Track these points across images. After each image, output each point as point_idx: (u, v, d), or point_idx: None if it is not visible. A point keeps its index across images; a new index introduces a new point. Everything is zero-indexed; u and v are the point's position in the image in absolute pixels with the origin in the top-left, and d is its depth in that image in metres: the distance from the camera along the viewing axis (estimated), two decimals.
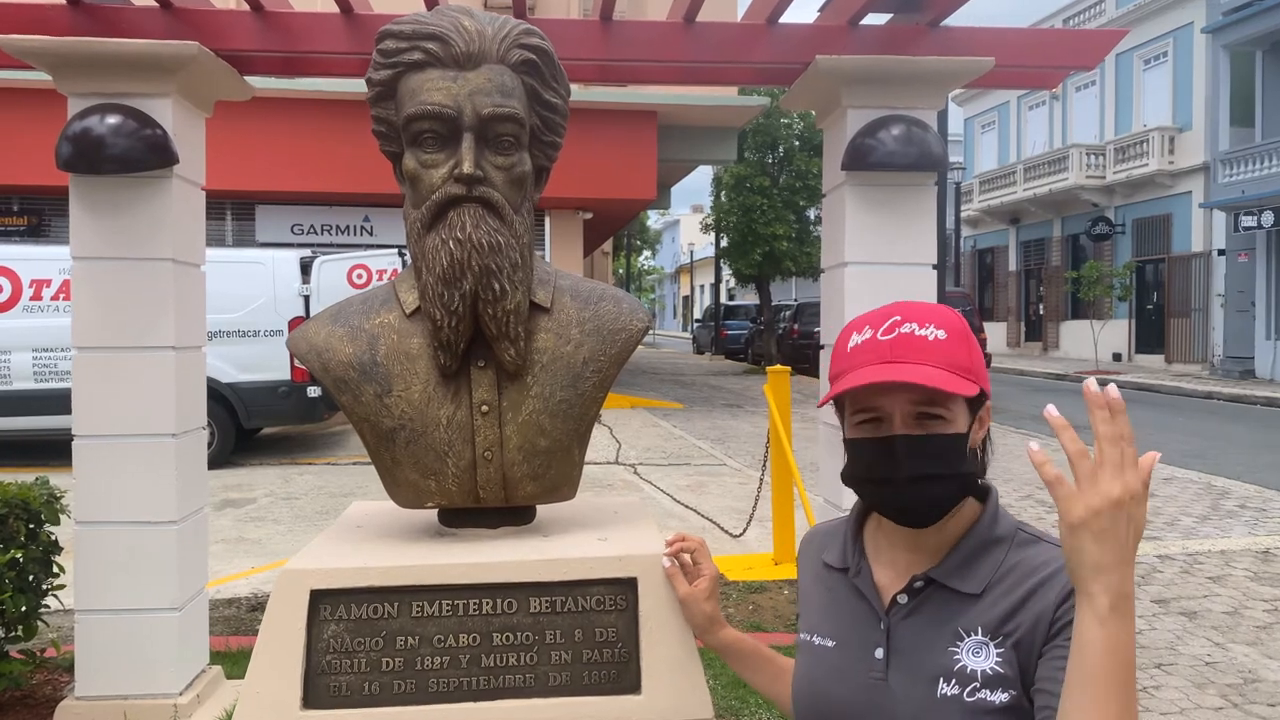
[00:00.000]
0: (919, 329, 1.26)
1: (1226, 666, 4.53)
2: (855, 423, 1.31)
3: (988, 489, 1.35)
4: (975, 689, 1.21)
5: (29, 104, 10.96)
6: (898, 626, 1.30)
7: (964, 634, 1.24)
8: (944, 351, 1.24)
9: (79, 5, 3.32)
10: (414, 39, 1.75)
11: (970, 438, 1.29)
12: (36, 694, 3.83)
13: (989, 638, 1.22)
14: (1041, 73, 4.10)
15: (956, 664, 1.23)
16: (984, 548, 1.29)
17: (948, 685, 1.22)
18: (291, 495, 8.43)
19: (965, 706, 1.20)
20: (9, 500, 3.56)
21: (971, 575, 1.27)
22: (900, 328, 1.26)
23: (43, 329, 9.37)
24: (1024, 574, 1.24)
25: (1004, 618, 1.22)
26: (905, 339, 1.25)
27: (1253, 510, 8.05)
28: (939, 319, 1.28)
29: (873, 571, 1.37)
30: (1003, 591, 1.24)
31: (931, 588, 1.29)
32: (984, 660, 1.21)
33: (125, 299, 3.38)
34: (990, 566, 1.27)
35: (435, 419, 1.82)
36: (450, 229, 1.74)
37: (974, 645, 1.23)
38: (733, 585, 5.58)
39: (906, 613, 1.30)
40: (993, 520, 1.31)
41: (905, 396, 1.24)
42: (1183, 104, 25.09)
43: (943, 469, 1.25)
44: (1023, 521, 1.33)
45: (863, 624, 1.34)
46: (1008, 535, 1.30)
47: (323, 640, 1.67)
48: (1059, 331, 29.94)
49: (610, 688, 1.71)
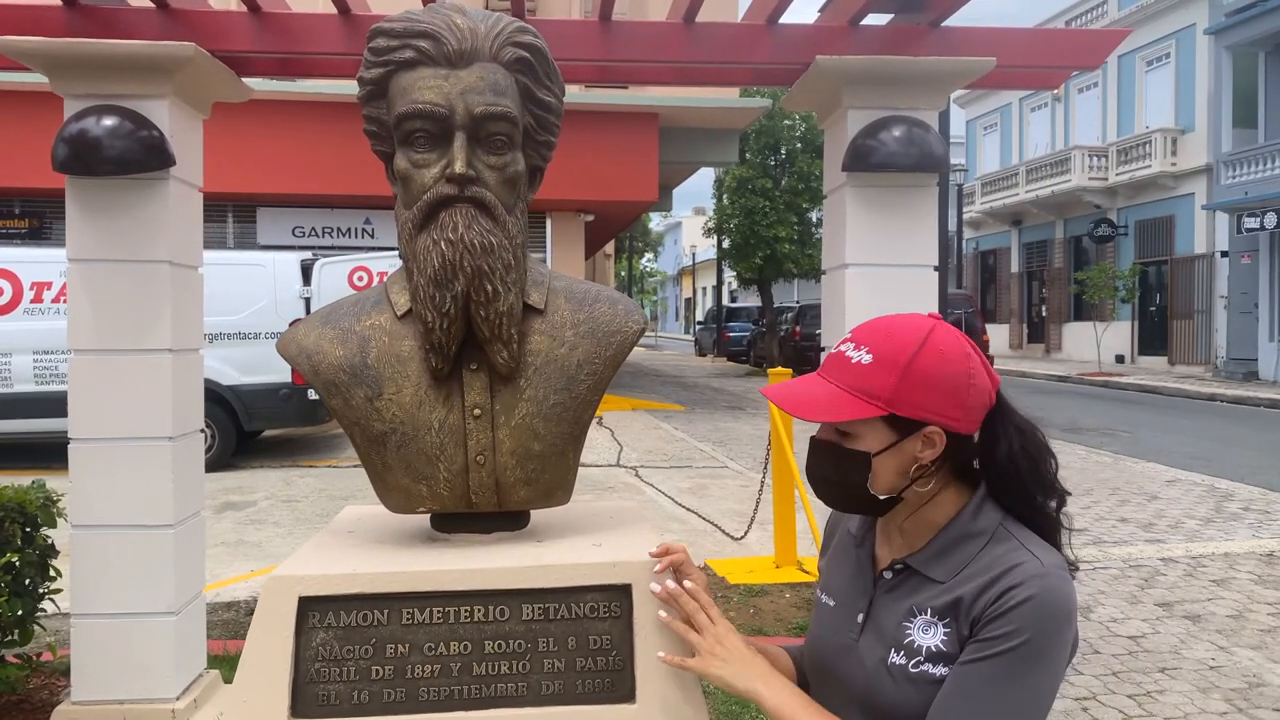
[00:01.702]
0: (852, 349, 1.39)
1: (1231, 670, 4.50)
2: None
3: (978, 481, 1.44)
4: (919, 662, 1.35)
5: (30, 107, 10.96)
6: (879, 599, 1.46)
7: (917, 612, 1.38)
8: (858, 374, 1.37)
9: (75, 6, 3.30)
10: (405, 37, 1.72)
11: (901, 456, 1.38)
12: (33, 698, 3.81)
13: (937, 618, 1.36)
14: (1043, 73, 4.08)
15: (907, 638, 1.38)
16: (961, 540, 1.39)
17: (897, 655, 1.38)
18: (292, 498, 8.41)
19: (908, 675, 1.35)
20: (5, 504, 3.54)
21: (942, 565, 1.39)
22: (840, 345, 1.43)
23: (43, 331, 9.36)
24: (986, 567, 1.34)
25: (953, 602, 1.34)
26: (835, 357, 1.42)
27: (1257, 513, 8.01)
28: (878, 342, 1.38)
29: (875, 545, 1.52)
30: (961, 580, 1.36)
31: (908, 571, 1.43)
32: (931, 637, 1.35)
33: (122, 301, 3.36)
34: (963, 558, 1.38)
35: (427, 423, 1.79)
36: (442, 230, 1.71)
37: (924, 623, 1.37)
38: (734, 588, 5.55)
39: (888, 588, 1.45)
40: (974, 513, 1.41)
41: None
42: (1185, 105, 25.04)
43: (833, 475, 1.43)
44: (1009, 518, 1.40)
45: (858, 591, 1.50)
46: (988, 529, 1.39)
47: (311, 648, 1.64)
48: (1061, 333, 29.89)
49: (604, 696, 1.68)
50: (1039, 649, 1.26)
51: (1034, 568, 1.30)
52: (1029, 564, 1.31)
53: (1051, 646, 1.26)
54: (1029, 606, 1.26)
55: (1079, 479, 9.55)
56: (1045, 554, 1.34)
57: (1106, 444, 12.21)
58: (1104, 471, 10.05)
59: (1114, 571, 6.17)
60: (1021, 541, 1.35)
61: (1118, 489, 9.06)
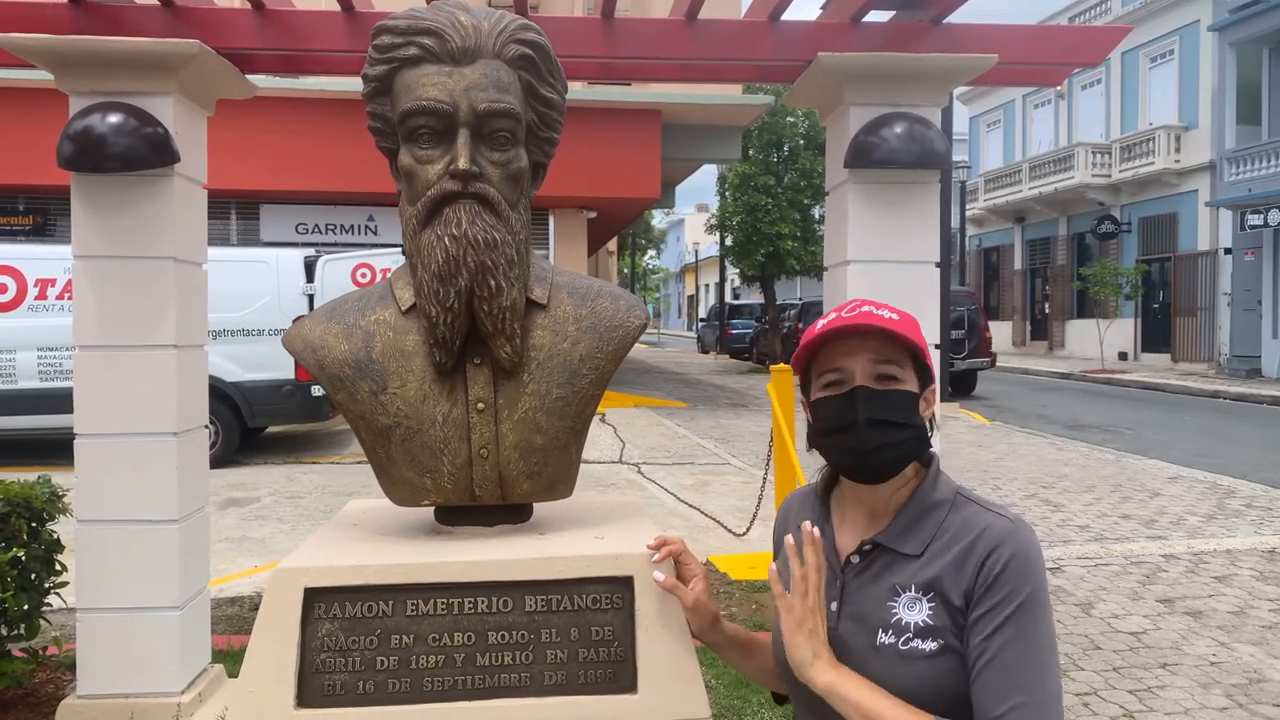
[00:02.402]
0: (876, 310, 1.46)
1: (1232, 666, 4.51)
2: (821, 385, 1.49)
3: (931, 457, 1.51)
4: (909, 639, 1.38)
5: (35, 104, 10.99)
6: (850, 584, 1.48)
7: (900, 590, 1.41)
8: (895, 323, 1.44)
9: (80, 4, 3.32)
10: (409, 34, 1.74)
11: (923, 407, 1.47)
12: (38, 692, 3.84)
13: (921, 593, 1.39)
14: (1045, 70, 4.08)
15: (894, 617, 1.40)
16: (925, 512, 1.45)
17: (885, 635, 1.40)
18: (295, 494, 8.44)
19: (900, 654, 1.38)
20: (11, 499, 3.57)
21: (912, 537, 1.44)
22: (860, 308, 1.46)
23: (48, 328, 9.39)
24: (956, 535, 1.41)
25: (935, 575, 1.39)
26: (865, 314, 1.45)
27: (1259, 509, 8.02)
28: (894, 309, 1.48)
29: (835, 534, 1.54)
30: (937, 550, 1.41)
31: (878, 550, 1.46)
32: (917, 613, 1.39)
33: (126, 297, 3.38)
34: (930, 529, 1.43)
35: (431, 416, 1.81)
36: (445, 225, 1.73)
37: (908, 600, 1.40)
38: (736, 584, 5.58)
39: (857, 572, 1.47)
40: (933, 485, 1.48)
41: (864, 356, 1.43)
42: (1189, 102, 25.00)
43: (898, 417, 1.43)
44: (962, 486, 1.49)
45: (826, 581, 1.48)
46: (947, 498, 1.46)
47: (317, 639, 1.66)
48: (1064, 330, 29.86)
49: (606, 687, 1.69)
50: (1036, 595, 1.36)
51: (1003, 526, 1.39)
52: (997, 524, 1.40)
53: (1043, 588, 1.38)
54: (1015, 564, 1.36)
55: (1081, 475, 9.57)
56: (1004, 512, 1.44)
57: (1109, 441, 12.22)
58: (1106, 468, 10.05)
59: (1115, 568, 6.18)
60: (981, 505, 1.45)
61: (1119, 485, 9.06)
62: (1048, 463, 10.44)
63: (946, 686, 1.36)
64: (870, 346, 1.43)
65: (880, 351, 1.43)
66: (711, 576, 5.79)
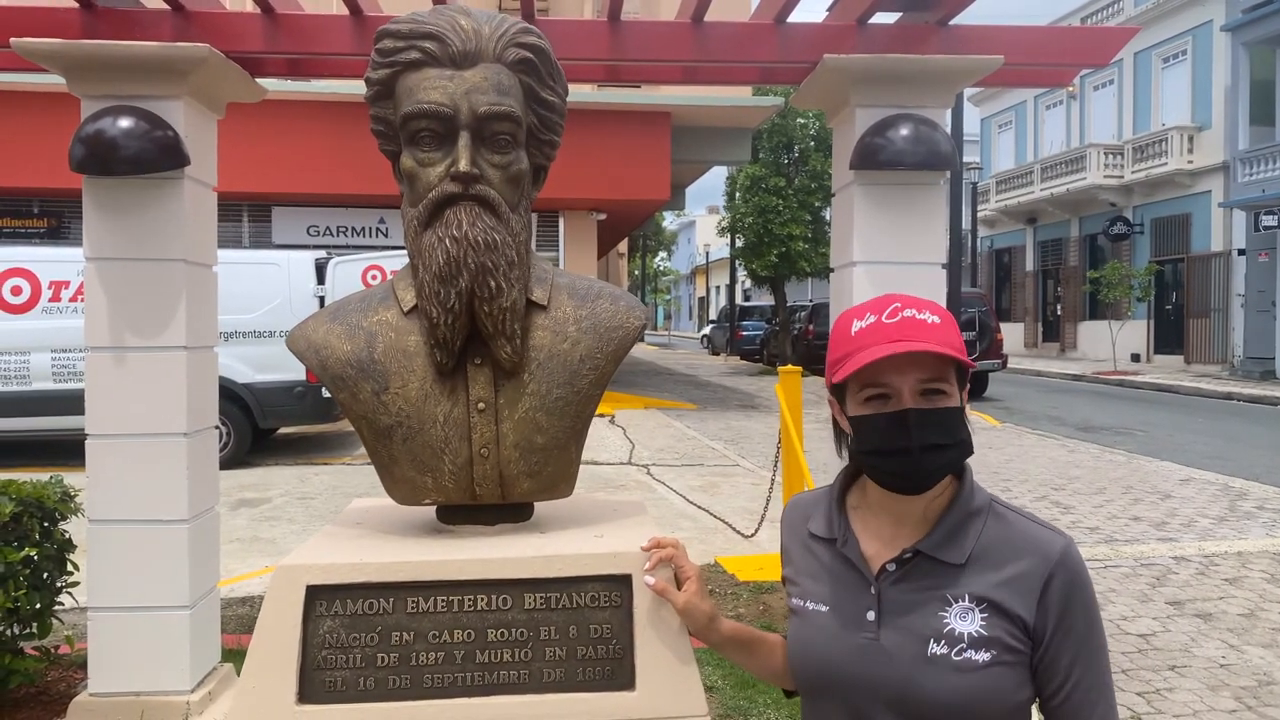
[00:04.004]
0: (918, 314, 1.40)
1: (1241, 669, 4.49)
2: (863, 399, 1.42)
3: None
4: (962, 649, 1.36)
5: (49, 108, 11.10)
6: (887, 591, 1.43)
7: (952, 600, 1.39)
8: (941, 333, 1.39)
9: (91, 8, 3.35)
10: (411, 38, 1.76)
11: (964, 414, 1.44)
12: (50, 690, 3.88)
13: (974, 604, 1.38)
14: (1052, 71, 4.08)
15: (945, 627, 1.37)
16: (965, 520, 1.43)
17: (937, 645, 1.37)
18: (306, 495, 8.48)
19: (953, 664, 1.35)
20: (24, 499, 3.60)
21: (954, 547, 1.41)
22: (902, 313, 1.40)
23: (61, 330, 9.46)
24: (1005, 549, 1.41)
25: (988, 588, 1.38)
26: (909, 322, 1.39)
27: (1271, 511, 7.97)
28: (932, 307, 1.43)
29: (859, 542, 1.49)
30: (984, 561, 1.40)
31: (919, 558, 1.42)
32: (970, 624, 1.37)
33: (137, 299, 3.41)
34: (971, 537, 1.42)
35: (432, 416, 1.83)
36: (447, 227, 1.75)
37: (961, 610, 1.38)
38: (744, 585, 5.58)
39: (895, 579, 1.43)
40: (970, 494, 1.45)
41: (913, 374, 1.37)
42: (1202, 102, 24.87)
43: (948, 438, 1.39)
44: (993, 494, 1.49)
45: (853, 590, 1.46)
46: (984, 507, 1.45)
47: (318, 636, 1.68)
48: (1077, 332, 29.74)
49: (604, 684, 1.71)
50: (1097, 612, 1.43)
51: (1059, 542, 1.40)
52: (1053, 540, 1.41)
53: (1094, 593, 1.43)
54: (1080, 582, 1.39)
55: (1092, 477, 9.53)
56: (1050, 525, 1.45)
57: (1120, 442, 12.16)
58: (1117, 470, 10.01)
59: (1125, 570, 6.16)
60: (1019, 514, 1.46)
61: (1131, 487, 9.03)
62: (1059, 464, 10.40)
63: (998, 698, 1.35)
64: (920, 364, 1.37)
65: (929, 369, 1.38)
66: (719, 578, 5.80)
